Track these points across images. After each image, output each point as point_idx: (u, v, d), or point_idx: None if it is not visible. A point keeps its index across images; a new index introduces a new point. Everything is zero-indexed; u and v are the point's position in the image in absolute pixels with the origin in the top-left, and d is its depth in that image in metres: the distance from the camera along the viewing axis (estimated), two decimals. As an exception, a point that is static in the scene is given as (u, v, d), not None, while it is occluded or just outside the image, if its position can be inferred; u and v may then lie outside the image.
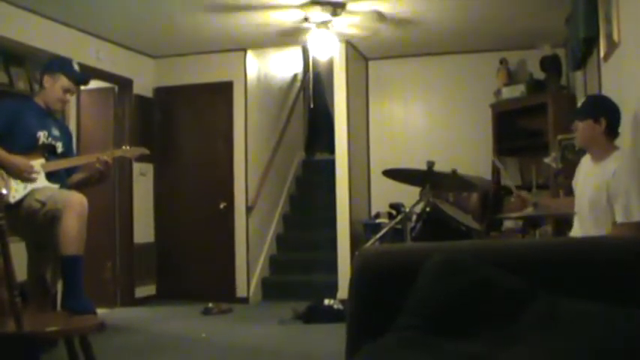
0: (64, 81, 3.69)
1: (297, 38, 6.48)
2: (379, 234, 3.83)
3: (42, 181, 3.52)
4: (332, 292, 6.25)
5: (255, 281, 6.94)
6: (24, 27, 5.27)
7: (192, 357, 4.62)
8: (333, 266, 6.56)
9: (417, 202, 3.62)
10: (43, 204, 3.35)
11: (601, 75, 4.33)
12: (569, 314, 1.36)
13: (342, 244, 6.62)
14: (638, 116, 3.21)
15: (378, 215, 7.08)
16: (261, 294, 7.02)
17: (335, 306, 5.78)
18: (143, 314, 6.26)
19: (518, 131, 6.53)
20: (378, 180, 7.14)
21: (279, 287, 7.03)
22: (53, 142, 3.67)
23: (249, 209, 6.87)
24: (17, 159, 3.45)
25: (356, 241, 6.47)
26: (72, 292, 3.23)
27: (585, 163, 3.33)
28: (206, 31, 6.20)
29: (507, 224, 5.75)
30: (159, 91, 7.14)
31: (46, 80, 3.71)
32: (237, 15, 5.67)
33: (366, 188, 7.37)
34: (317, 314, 5.70)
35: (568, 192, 3.88)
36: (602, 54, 4.12)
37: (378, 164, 7.02)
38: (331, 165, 6.86)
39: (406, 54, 7.22)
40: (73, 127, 5.38)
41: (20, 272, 3.15)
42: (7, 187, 3.37)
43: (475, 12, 5.72)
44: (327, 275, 6.61)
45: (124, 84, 6.71)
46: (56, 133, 3.72)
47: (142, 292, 6.76)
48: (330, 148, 7.47)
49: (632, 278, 1.50)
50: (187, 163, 7.08)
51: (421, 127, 7.32)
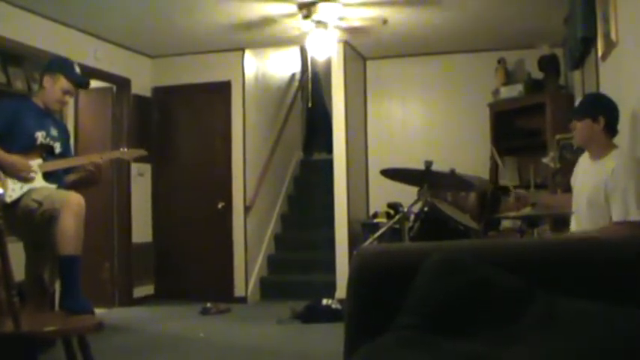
0: (63, 82, 3.69)
1: (295, 38, 6.48)
2: (377, 233, 3.82)
3: (39, 181, 3.52)
4: (330, 291, 6.25)
5: (253, 281, 6.94)
6: (22, 26, 5.26)
7: (191, 357, 4.62)
8: (331, 266, 6.56)
9: (415, 202, 3.62)
10: (40, 204, 3.34)
11: (599, 74, 4.33)
12: (568, 314, 1.36)
13: (340, 244, 6.62)
14: (637, 115, 3.21)
15: (376, 215, 7.08)
16: (259, 294, 7.01)
17: (333, 305, 5.78)
18: (141, 314, 6.26)
19: (516, 131, 6.54)
20: (376, 180, 7.14)
21: (278, 287, 7.03)
22: (51, 143, 3.66)
23: (248, 209, 6.87)
24: (15, 159, 3.44)
25: (354, 241, 6.47)
26: (70, 292, 3.23)
27: (583, 162, 3.33)
28: (204, 31, 6.19)
29: (505, 223, 5.75)
30: (157, 91, 7.14)
31: (46, 80, 3.71)
32: (235, 14, 5.66)
33: (364, 188, 7.37)
34: (315, 314, 5.70)
35: (566, 191, 3.88)
36: (600, 53, 4.13)
37: (376, 164, 7.03)
38: (329, 165, 6.86)
39: (404, 54, 7.22)
40: (71, 127, 5.37)
41: (18, 272, 3.14)
42: (4, 186, 3.36)
43: (473, 12, 5.72)
44: (326, 275, 6.60)
45: (122, 84, 6.70)
46: (54, 133, 3.71)
47: (140, 291, 6.76)
48: (328, 147, 7.47)
49: (632, 278, 1.50)
50: (185, 162, 7.08)
51: (419, 126, 7.32)
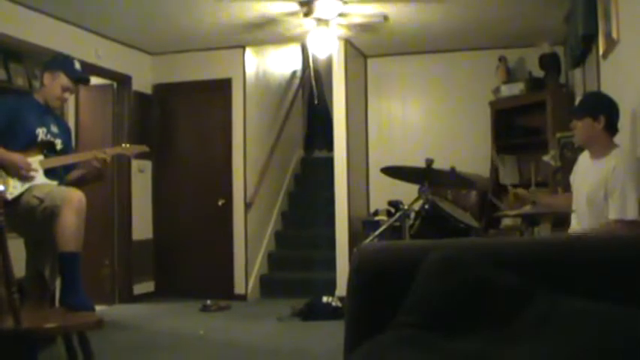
0: (63, 79, 3.68)
1: (296, 36, 6.47)
2: (378, 231, 3.82)
3: (40, 178, 3.52)
4: (330, 289, 6.25)
5: (253, 278, 6.94)
6: (23, 23, 5.26)
7: (190, 354, 4.62)
8: (331, 263, 6.56)
9: (416, 200, 3.62)
10: (41, 200, 3.34)
11: (600, 73, 4.33)
12: (569, 313, 1.36)
13: (341, 242, 6.62)
14: (637, 114, 3.21)
15: (376, 212, 7.07)
16: (259, 291, 7.01)
17: (333, 303, 5.78)
18: (141, 311, 6.27)
19: (517, 129, 6.54)
20: (376, 177, 7.14)
21: (278, 284, 7.03)
22: (52, 139, 3.66)
23: (248, 206, 6.87)
24: (15, 156, 3.44)
25: (354, 239, 6.46)
26: (70, 289, 3.23)
27: (583, 160, 3.33)
28: (205, 28, 6.18)
29: (506, 222, 5.75)
30: (158, 88, 7.13)
31: (46, 78, 3.71)
32: (236, 12, 5.66)
33: (364, 185, 7.37)
34: (315, 311, 5.71)
35: (567, 189, 3.88)
36: (601, 52, 4.12)
37: (376, 162, 7.03)
38: (330, 162, 6.86)
39: (405, 52, 7.21)
40: (71, 124, 5.37)
41: (18, 269, 3.15)
42: (5, 183, 3.36)
43: (474, 10, 5.71)
44: (326, 272, 6.60)
45: (123, 81, 6.70)
46: (55, 130, 3.71)
47: (140, 288, 6.76)
48: (328, 145, 7.47)
49: (633, 277, 1.50)
50: (186, 160, 7.08)
51: (420, 124, 7.31)
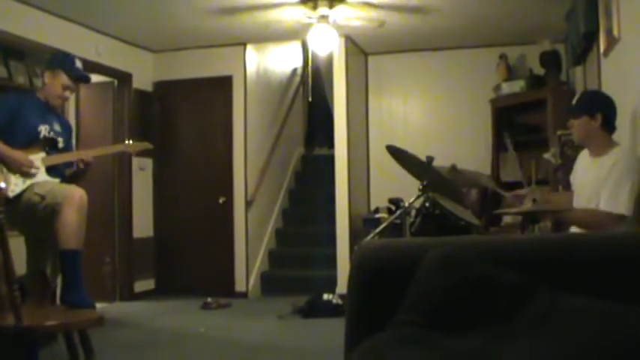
0: (63, 78, 3.69)
1: (296, 33, 6.46)
2: (378, 229, 3.82)
3: (42, 175, 3.52)
4: (331, 286, 6.25)
5: (254, 276, 6.95)
6: (23, 21, 5.25)
7: (191, 352, 4.62)
8: (332, 261, 6.57)
9: (417, 197, 3.62)
10: (43, 198, 3.35)
11: (601, 70, 4.33)
12: (569, 311, 1.36)
13: (342, 239, 6.63)
14: (638, 111, 3.21)
15: (377, 210, 7.07)
16: (260, 289, 7.02)
17: (334, 301, 5.78)
18: (142, 309, 6.27)
19: (518, 126, 6.52)
20: (377, 175, 7.15)
21: (278, 282, 7.04)
22: (54, 137, 3.67)
23: (249, 204, 6.87)
24: (17, 154, 3.44)
25: (355, 236, 6.47)
26: (71, 287, 3.23)
27: (583, 158, 3.33)
28: (205, 26, 6.18)
29: (506, 219, 5.75)
30: (158, 86, 7.13)
31: (47, 76, 3.72)
32: (237, 9, 5.65)
33: (365, 183, 7.37)
34: (316, 309, 5.71)
35: (567, 187, 3.88)
36: (602, 49, 4.12)
37: (377, 159, 7.03)
38: (330, 160, 6.85)
39: (406, 49, 7.21)
40: (72, 121, 5.37)
41: (20, 266, 3.15)
42: (7, 181, 3.37)
43: (475, 7, 5.71)
44: (327, 270, 6.61)
45: (124, 78, 6.70)
46: (57, 127, 3.72)
47: (141, 286, 6.76)
48: (329, 143, 7.46)
49: (634, 275, 1.50)
50: (186, 157, 7.08)
51: (421, 122, 7.31)
